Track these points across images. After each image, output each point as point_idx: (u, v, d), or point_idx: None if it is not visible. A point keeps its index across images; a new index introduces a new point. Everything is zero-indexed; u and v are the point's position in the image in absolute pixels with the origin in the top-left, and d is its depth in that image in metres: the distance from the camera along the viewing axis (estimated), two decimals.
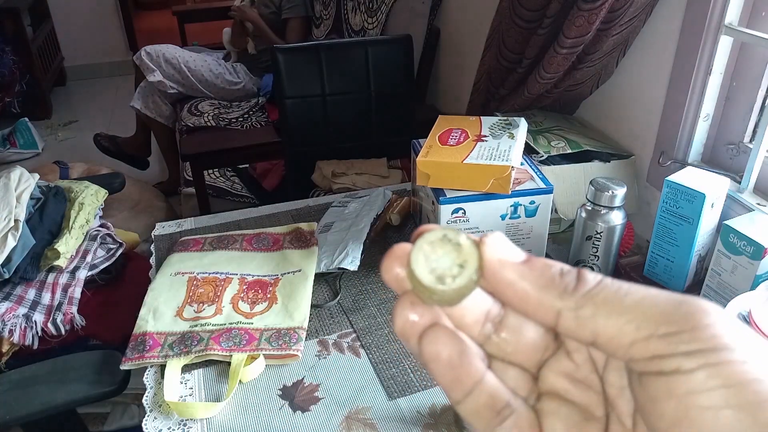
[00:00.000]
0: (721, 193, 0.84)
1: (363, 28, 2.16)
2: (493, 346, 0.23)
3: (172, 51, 2.34)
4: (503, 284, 0.21)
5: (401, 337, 0.22)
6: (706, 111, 0.97)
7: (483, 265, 0.21)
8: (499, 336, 0.23)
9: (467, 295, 0.21)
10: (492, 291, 0.22)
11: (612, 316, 0.20)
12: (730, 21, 0.90)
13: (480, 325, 0.23)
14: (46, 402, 0.85)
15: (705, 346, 0.18)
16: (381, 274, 0.23)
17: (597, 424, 0.22)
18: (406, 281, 0.22)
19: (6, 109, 3.25)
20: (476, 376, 0.21)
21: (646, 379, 0.19)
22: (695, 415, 0.18)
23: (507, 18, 1.13)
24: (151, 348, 0.77)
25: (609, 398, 0.22)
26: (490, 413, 0.21)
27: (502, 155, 0.85)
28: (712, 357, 0.18)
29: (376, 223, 1.01)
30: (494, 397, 0.22)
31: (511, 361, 0.23)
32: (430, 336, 0.21)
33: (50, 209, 1.20)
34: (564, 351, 0.23)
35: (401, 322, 0.22)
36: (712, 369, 0.18)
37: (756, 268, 0.76)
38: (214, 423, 0.70)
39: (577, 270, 0.21)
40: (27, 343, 1.11)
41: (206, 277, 0.90)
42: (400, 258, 0.22)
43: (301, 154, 1.62)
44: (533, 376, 0.23)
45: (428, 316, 0.22)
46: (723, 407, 0.18)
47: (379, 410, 0.71)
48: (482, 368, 0.22)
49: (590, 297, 0.20)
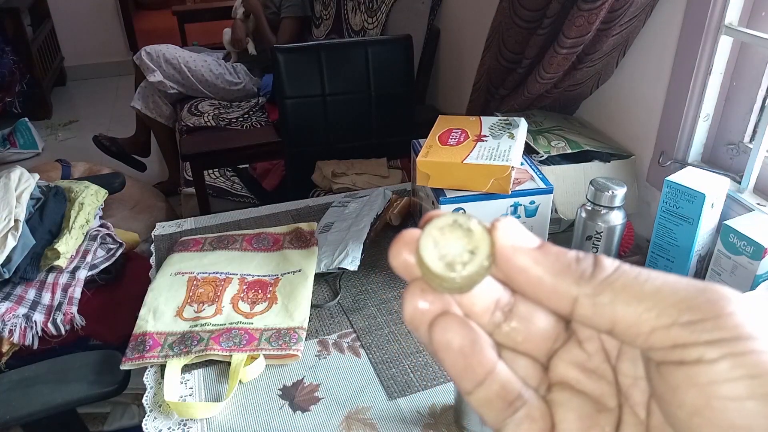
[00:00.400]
0: (721, 193, 0.84)
1: (363, 28, 2.16)
2: (503, 336, 0.22)
3: (173, 51, 2.35)
4: (516, 270, 0.21)
5: (410, 325, 0.21)
6: (706, 111, 0.97)
7: (495, 251, 0.21)
8: (509, 325, 0.22)
9: (478, 283, 0.21)
10: (504, 278, 0.21)
11: (631, 303, 0.19)
12: (730, 21, 0.90)
13: (490, 313, 0.22)
14: (46, 402, 0.85)
15: (728, 335, 0.18)
16: (389, 260, 0.22)
17: (610, 414, 0.22)
18: (415, 268, 0.21)
19: (6, 109, 3.25)
20: (488, 365, 0.21)
21: (665, 369, 0.19)
22: (717, 405, 0.17)
23: (507, 18, 1.13)
24: (151, 348, 0.77)
25: (622, 388, 0.22)
26: (502, 404, 0.21)
27: (502, 155, 0.85)
28: (736, 346, 0.17)
29: (376, 223, 1.01)
30: (506, 387, 0.21)
31: (521, 350, 0.22)
32: (441, 324, 0.21)
33: (50, 209, 1.20)
34: (575, 340, 0.22)
35: (411, 309, 0.21)
36: (736, 359, 0.17)
37: (756, 268, 0.76)
38: (214, 423, 0.70)
39: (594, 256, 0.21)
40: (27, 343, 1.11)
41: (206, 277, 0.90)
42: (409, 244, 0.21)
43: (301, 154, 1.62)
44: (543, 367, 0.23)
45: (438, 303, 0.21)
46: (747, 398, 0.17)
47: (379, 410, 0.71)
48: (494, 358, 0.21)
49: (608, 283, 0.20)
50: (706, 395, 0.18)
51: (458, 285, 0.20)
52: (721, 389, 0.17)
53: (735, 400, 0.17)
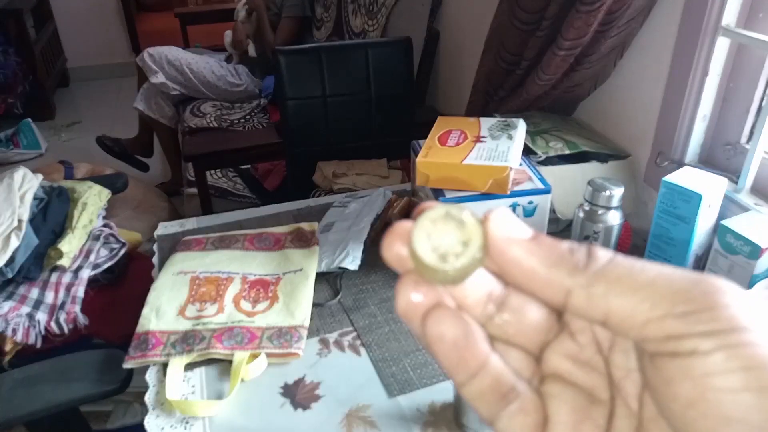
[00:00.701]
0: (718, 193, 0.84)
1: (363, 30, 2.17)
2: (495, 328, 0.22)
3: (175, 53, 2.36)
4: (510, 262, 0.21)
5: (404, 317, 0.21)
6: (704, 112, 0.98)
7: (488, 242, 0.20)
8: (502, 317, 0.22)
9: (471, 274, 0.20)
10: (497, 269, 0.21)
11: (625, 295, 0.19)
12: (727, 22, 0.90)
13: (482, 305, 0.22)
14: (49, 400, 0.86)
15: (723, 327, 0.17)
16: (382, 252, 0.22)
17: (602, 407, 0.21)
18: (408, 260, 0.21)
19: (9, 110, 3.26)
20: (481, 357, 0.21)
21: (659, 360, 0.19)
22: (712, 397, 0.17)
23: (506, 20, 1.14)
24: (154, 347, 0.78)
25: (614, 380, 0.21)
26: (495, 396, 0.21)
27: (500, 156, 0.86)
28: (731, 338, 0.17)
29: (376, 223, 1.02)
30: (499, 380, 0.21)
31: (513, 342, 0.22)
32: (434, 316, 0.21)
33: (54, 209, 1.21)
34: (567, 332, 0.22)
35: (404, 302, 0.21)
36: (731, 350, 0.17)
37: (753, 268, 0.77)
38: (215, 421, 0.71)
39: (588, 247, 0.20)
40: (30, 342, 1.12)
41: (208, 276, 0.91)
42: (402, 236, 0.21)
43: (302, 155, 1.63)
44: (536, 359, 0.22)
45: (432, 295, 0.21)
46: (742, 390, 0.17)
47: (379, 408, 0.72)
48: (487, 350, 0.21)
49: (602, 274, 0.19)
50: (700, 387, 0.17)
51: (451, 277, 0.20)
52: (715, 381, 0.17)
53: (730, 392, 0.17)
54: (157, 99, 2.38)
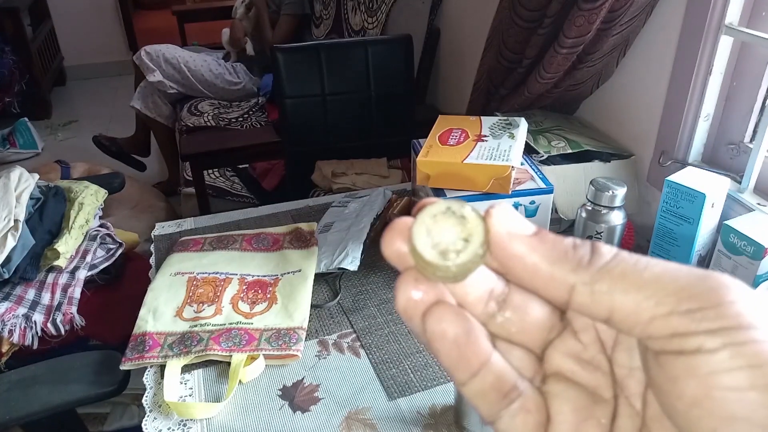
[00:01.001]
0: (721, 193, 0.84)
1: (363, 27, 2.16)
2: (497, 326, 0.22)
3: (172, 51, 2.35)
4: (512, 258, 0.20)
5: (404, 315, 0.21)
6: (707, 111, 0.97)
7: (489, 238, 0.20)
8: (504, 315, 0.21)
9: (473, 271, 0.20)
10: (499, 266, 0.21)
11: (630, 291, 0.19)
12: (731, 21, 0.90)
13: (483, 303, 0.21)
14: (45, 402, 0.85)
15: (729, 324, 0.17)
16: (381, 249, 0.21)
17: (605, 406, 0.21)
18: (408, 257, 0.20)
19: (6, 109, 3.25)
20: (483, 356, 0.20)
21: (664, 358, 0.18)
22: (717, 395, 0.17)
23: (507, 18, 1.13)
24: (151, 348, 0.77)
25: (617, 379, 0.21)
26: (497, 395, 0.21)
27: (502, 155, 0.85)
28: (737, 335, 0.17)
29: (376, 223, 1.01)
30: (501, 378, 0.21)
31: (515, 341, 0.22)
32: (435, 314, 0.20)
33: (50, 209, 1.20)
34: (570, 331, 0.22)
35: (404, 299, 0.21)
36: (737, 348, 0.17)
37: (756, 268, 0.76)
38: (213, 423, 0.70)
39: (591, 242, 0.20)
40: (27, 343, 1.11)
41: (206, 277, 0.90)
42: (402, 232, 0.21)
43: (301, 154, 1.62)
44: (538, 357, 0.22)
45: (432, 293, 0.21)
46: (748, 388, 0.17)
47: (379, 410, 0.71)
48: (489, 348, 0.21)
49: (606, 271, 0.19)
50: (705, 386, 0.17)
51: (452, 274, 0.20)
52: (721, 379, 0.17)
53: (735, 390, 0.17)
54: (155, 98, 2.37)
